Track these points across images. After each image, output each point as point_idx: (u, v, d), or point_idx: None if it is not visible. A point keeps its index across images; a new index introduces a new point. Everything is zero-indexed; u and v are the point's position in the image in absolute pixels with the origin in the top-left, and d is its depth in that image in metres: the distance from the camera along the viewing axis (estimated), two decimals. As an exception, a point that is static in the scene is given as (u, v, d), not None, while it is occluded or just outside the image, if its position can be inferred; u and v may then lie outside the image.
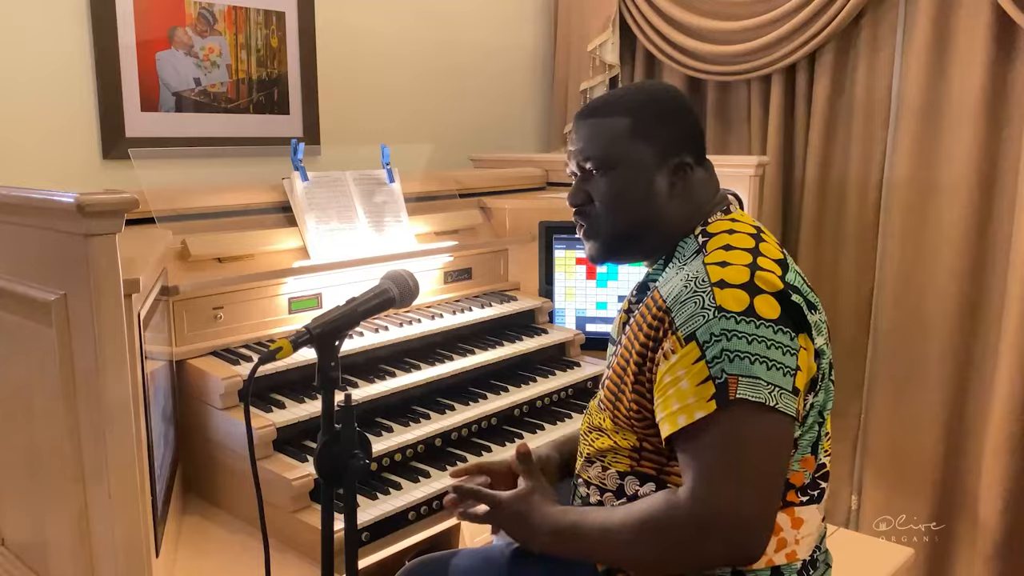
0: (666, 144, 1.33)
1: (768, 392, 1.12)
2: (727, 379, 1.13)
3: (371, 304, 1.27)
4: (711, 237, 1.29)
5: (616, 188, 1.32)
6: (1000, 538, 2.48)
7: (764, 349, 1.14)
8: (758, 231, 1.31)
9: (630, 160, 1.32)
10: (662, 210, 1.32)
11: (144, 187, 1.85)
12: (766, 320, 1.15)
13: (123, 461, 1.18)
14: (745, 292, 1.17)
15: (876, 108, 2.65)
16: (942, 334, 2.58)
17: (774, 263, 1.23)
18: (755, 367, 1.13)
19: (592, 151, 1.33)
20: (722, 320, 1.15)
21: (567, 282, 2.33)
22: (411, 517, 1.58)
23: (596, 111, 1.35)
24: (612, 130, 1.32)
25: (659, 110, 1.34)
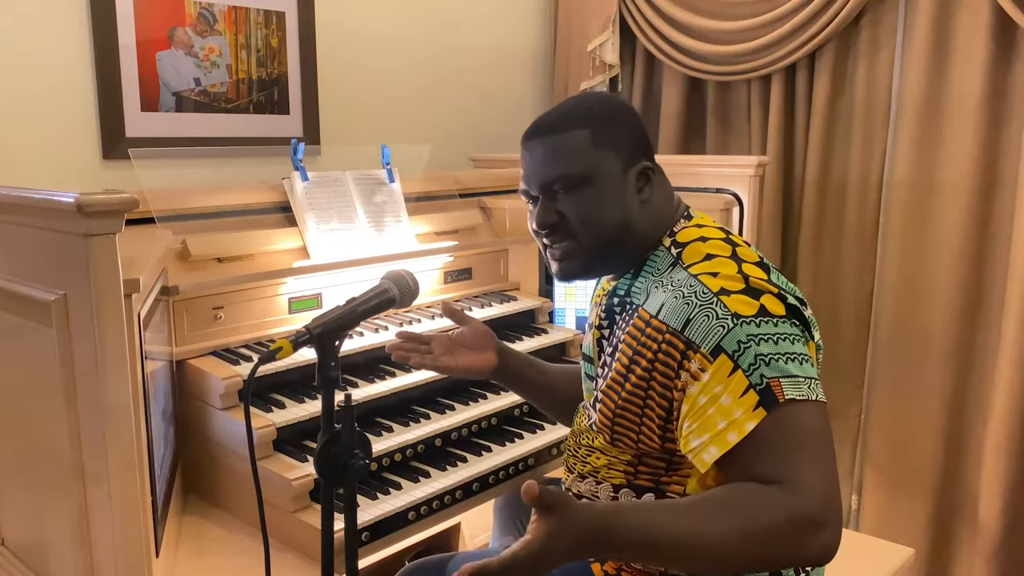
0: (629, 152, 1.30)
1: (807, 387, 1.12)
2: (768, 384, 1.11)
3: (371, 304, 1.27)
4: (684, 247, 1.28)
5: (589, 202, 1.28)
6: (1000, 538, 2.48)
7: (790, 345, 1.14)
8: (727, 235, 1.30)
9: (599, 172, 1.27)
10: (634, 218, 1.29)
11: (144, 187, 1.85)
12: (779, 316, 1.16)
13: (123, 461, 1.18)
14: (750, 296, 1.16)
15: (876, 108, 2.65)
16: (942, 334, 2.58)
17: (755, 266, 1.22)
18: (789, 366, 1.12)
19: (559, 169, 1.28)
20: (743, 326, 1.13)
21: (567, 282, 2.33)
22: (411, 517, 1.57)
23: (552, 128, 1.30)
24: (573, 144, 1.28)
25: (613, 118, 1.31)
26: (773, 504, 1.08)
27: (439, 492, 1.62)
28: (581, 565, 1.34)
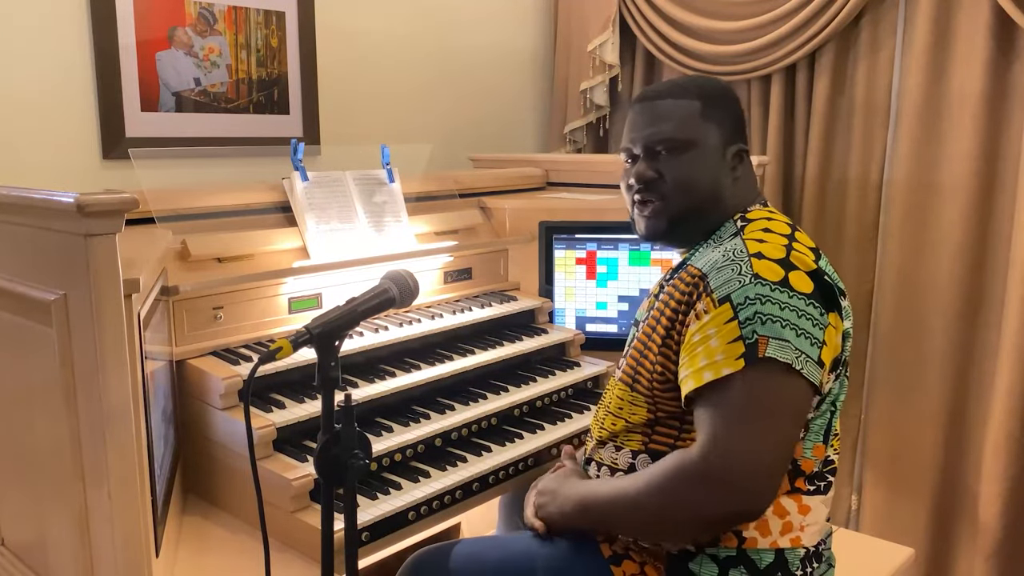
0: (730, 131, 1.39)
1: (795, 356, 1.16)
2: (757, 339, 1.16)
3: (371, 304, 1.28)
4: (749, 222, 1.34)
5: (688, 167, 1.36)
6: (1000, 538, 2.48)
7: (795, 318, 1.18)
8: (793, 225, 1.36)
9: (702, 142, 1.36)
10: (723, 193, 1.38)
11: (144, 187, 1.85)
12: (799, 292, 1.20)
13: (123, 461, 1.18)
14: (781, 266, 1.22)
15: (876, 108, 2.65)
16: (942, 334, 2.58)
17: (808, 249, 1.28)
18: (785, 331, 1.17)
19: (667, 131, 1.36)
20: (757, 286, 1.19)
21: (567, 282, 2.33)
22: (411, 517, 1.57)
23: (667, 93, 1.39)
24: (685, 111, 1.36)
25: (722, 98, 1.40)
26: (686, 457, 1.17)
27: (439, 492, 1.62)
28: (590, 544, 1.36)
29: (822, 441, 1.29)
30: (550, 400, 2.04)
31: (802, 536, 1.28)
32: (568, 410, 2.01)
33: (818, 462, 1.29)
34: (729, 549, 1.26)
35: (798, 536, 1.28)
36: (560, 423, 1.94)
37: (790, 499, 1.27)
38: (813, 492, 1.30)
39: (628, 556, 1.32)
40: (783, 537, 1.26)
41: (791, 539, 1.27)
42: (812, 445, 1.28)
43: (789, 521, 1.27)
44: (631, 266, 2.28)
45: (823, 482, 1.31)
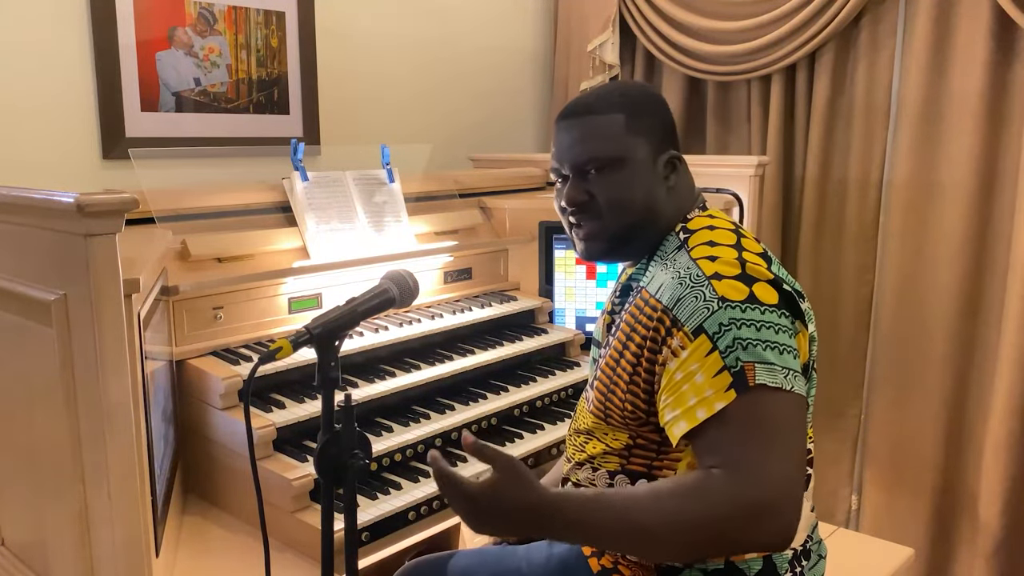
0: (658, 139, 1.34)
1: (783, 376, 1.13)
2: (743, 367, 1.13)
3: (371, 304, 1.27)
4: (692, 233, 1.31)
5: (620, 185, 1.31)
6: (1000, 538, 2.48)
7: (773, 334, 1.15)
8: (736, 227, 1.32)
9: (631, 156, 1.31)
10: (659, 204, 1.33)
11: (144, 187, 1.85)
12: (768, 305, 1.17)
13: (123, 461, 1.18)
14: (742, 282, 1.18)
15: (876, 108, 2.65)
16: (942, 334, 2.58)
17: (757, 256, 1.24)
18: (767, 353, 1.14)
19: (593, 150, 1.31)
20: (727, 310, 1.15)
21: (567, 282, 2.33)
22: (411, 517, 1.58)
23: (589, 109, 1.33)
24: (610, 127, 1.31)
25: (647, 106, 1.35)
26: (717, 489, 1.09)
27: (439, 492, 1.62)
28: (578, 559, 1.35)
29: None
30: (550, 400, 2.04)
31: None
32: (568, 410, 2.01)
33: None
34: (717, 563, 1.25)
35: None
36: (560, 423, 1.94)
37: None
38: None
39: (617, 570, 1.32)
40: None
41: None
42: None
43: None
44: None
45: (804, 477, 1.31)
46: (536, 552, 1.43)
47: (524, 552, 1.45)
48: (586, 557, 1.35)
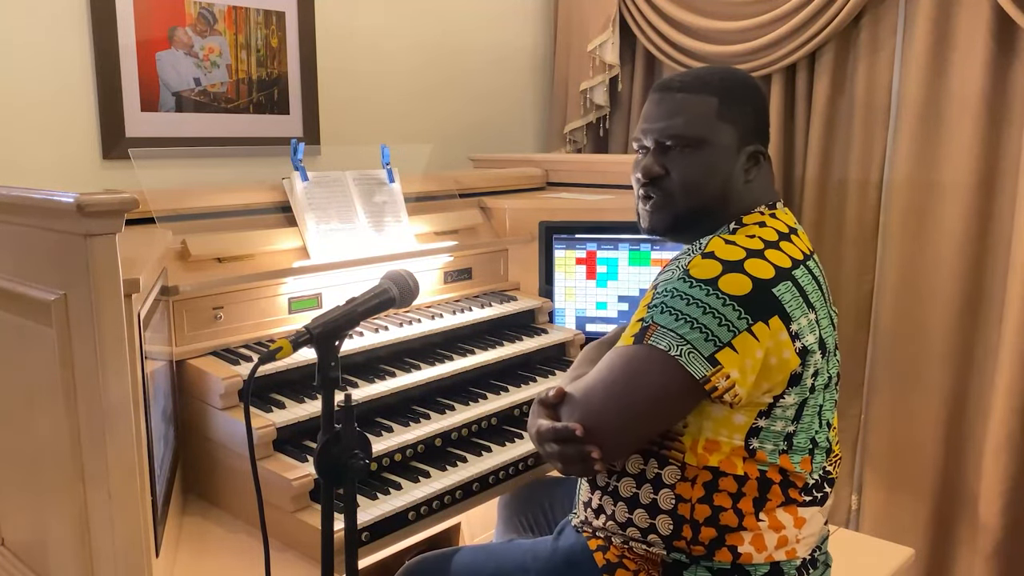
0: (746, 130, 1.34)
1: (678, 346, 1.18)
2: (650, 325, 1.21)
3: (371, 304, 1.28)
4: (742, 226, 1.32)
5: (697, 167, 1.31)
6: (1000, 538, 2.48)
7: (699, 314, 1.19)
8: (789, 232, 1.31)
9: (715, 141, 1.31)
10: (732, 194, 1.33)
11: (144, 187, 1.85)
12: (720, 292, 1.19)
13: (123, 461, 1.18)
14: (721, 266, 1.21)
15: (876, 108, 2.65)
16: (942, 334, 2.58)
17: (786, 257, 1.25)
18: (678, 324, 1.19)
19: (678, 127, 1.31)
20: (679, 281, 1.22)
21: (567, 282, 2.33)
22: (411, 517, 1.58)
23: (684, 87, 1.33)
24: (700, 108, 1.31)
25: (744, 95, 1.34)
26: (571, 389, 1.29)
27: (439, 492, 1.62)
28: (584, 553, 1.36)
29: (807, 454, 1.29)
30: (550, 400, 2.03)
31: (797, 548, 1.28)
32: (568, 410, 2.01)
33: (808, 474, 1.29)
34: (723, 562, 1.26)
35: (794, 548, 1.28)
36: (560, 423, 1.94)
37: (785, 512, 1.26)
38: (809, 503, 1.29)
39: (622, 564, 1.32)
40: (778, 550, 1.26)
41: (787, 551, 1.27)
42: (801, 459, 1.28)
43: (785, 535, 1.26)
44: (631, 266, 2.28)
45: (820, 493, 1.31)
46: (541, 546, 1.44)
47: (529, 546, 1.45)
48: (591, 551, 1.35)
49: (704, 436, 1.24)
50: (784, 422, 1.25)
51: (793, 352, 1.21)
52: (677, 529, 1.27)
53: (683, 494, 1.26)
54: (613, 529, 1.33)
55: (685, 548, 1.27)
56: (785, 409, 1.24)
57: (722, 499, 1.25)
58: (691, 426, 1.25)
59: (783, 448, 1.26)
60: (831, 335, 1.31)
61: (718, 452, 1.24)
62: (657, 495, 1.28)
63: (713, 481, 1.25)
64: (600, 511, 1.35)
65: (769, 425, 1.24)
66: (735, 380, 1.18)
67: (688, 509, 1.26)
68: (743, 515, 1.25)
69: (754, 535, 1.25)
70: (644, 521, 1.29)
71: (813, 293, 1.27)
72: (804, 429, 1.27)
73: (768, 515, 1.26)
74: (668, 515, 1.27)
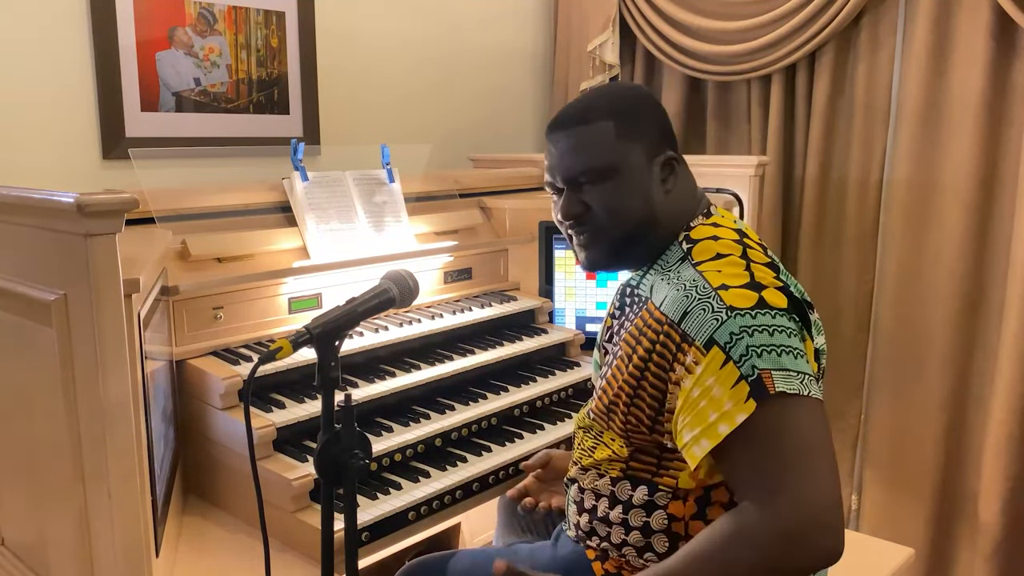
0: (651, 142, 1.31)
1: (799, 382, 1.10)
2: (760, 375, 1.09)
3: (371, 304, 1.28)
4: (695, 243, 1.29)
5: (615, 194, 1.29)
6: (1000, 538, 2.48)
7: (786, 338, 1.12)
8: (741, 236, 1.29)
9: (624, 164, 1.28)
10: (658, 208, 1.31)
11: (144, 187, 1.85)
12: (778, 309, 1.15)
13: (123, 461, 1.18)
14: (750, 289, 1.17)
15: (876, 108, 2.65)
16: (942, 334, 2.58)
17: (764, 267, 1.23)
18: (783, 358, 1.10)
19: (584, 162, 1.29)
20: (737, 318, 1.13)
21: (567, 282, 2.33)
22: (411, 517, 1.57)
23: (576, 120, 1.30)
24: (598, 136, 1.28)
25: (637, 109, 1.32)
26: (758, 526, 1.06)
27: (439, 492, 1.62)
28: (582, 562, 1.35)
29: None
30: (550, 400, 2.04)
31: None
32: (568, 410, 2.01)
33: None
34: None
35: None
36: (560, 423, 1.94)
37: None
38: None
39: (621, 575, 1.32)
40: None
41: None
42: None
43: None
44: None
45: None
46: (540, 553, 1.43)
47: (528, 553, 1.45)
48: (590, 560, 1.35)
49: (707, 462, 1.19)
50: None
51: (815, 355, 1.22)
52: (673, 546, 1.25)
53: (675, 513, 1.24)
54: (608, 548, 1.32)
55: None
56: None
57: (715, 512, 1.23)
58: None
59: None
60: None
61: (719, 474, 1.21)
62: (650, 518, 1.26)
63: (705, 496, 1.23)
64: (592, 533, 1.34)
65: None
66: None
67: (682, 527, 1.24)
68: None
69: None
70: (639, 541, 1.28)
71: (803, 293, 1.27)
72: None
73: None
74: (662, 533, 1.26)
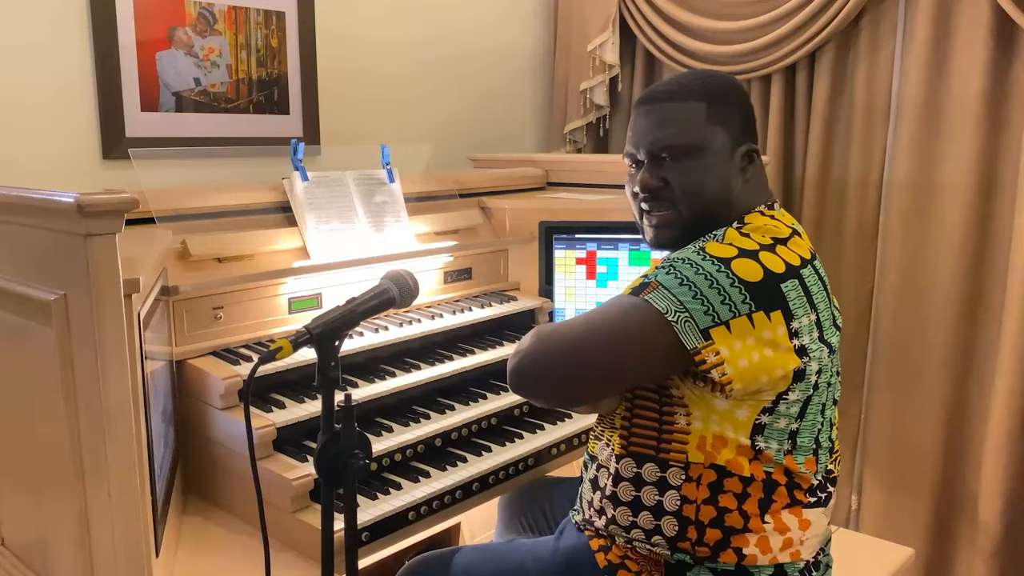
0: (737, 131, 1.34)
1: (675, 310, 1.17)
2: (651, 282, 1.21)
3: (371, 304, 1.28)
4: (745, 224, 1.32)
5: (695, 174, 1.31)
6: (1000, 538, 2.48)
7: (706, 286, 1.18)
8: (792, 233, 1.31)
9: (708, 146, 1.31)
10: (733, 195, 1.33)
11: (144, 187, 1.85)
12: (732, 272, 1.19)
13: (123, 461, 1.18)
14: (736, 250, 1.22)
15: (876, 108, 2.65)
16: (942, 334, 2.58)
17: (795, 255, 1.25)
18: (681, 289, 1.18)
19: (670, 137, 1.31)
20: (694, 254, 1.23)
21: (567, 282, 2.33)
22: (411, 517, 1.58)
23: (670, 95, 1.33)
24: (689, 115, 1.31)
25: (729, 97, 1.35)
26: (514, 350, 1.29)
27: (439, 492, 1.62)
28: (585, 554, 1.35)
29: (811, 454, 1.29)
30: (550, 400, 2.03)
31: (802, 550, 1.28)
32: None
33: (816, 475, 1.29)
34: (728, 564, 1.26)
35: (798, 550, 1.28)
36: (560, 423, 1.94)
37: (791, 514, 1.27)
38: (814, 504, 1.29)
39: (624, 565, 1.32)
40: (783, 552, 1.26)
41: (791, 553, 1.27)
42: (804, 459, 1.28)
43: (790, 537, 1.26)
44: (631, 266, 2.28)
45: (824, 493, 1.31)
46: (542, 547, 1.44)
47: (530, 547, 1.45)
48: (593, 552, 1.35)
49: (711, 431, 1.24)
50: (788, 419, 1.24)
51: (791, 349, 1.21)
52: (682, 530, 1.26)
53: (688, 495, 1.26)
54: (616, 531, 1.33)
55: (689, 549, 1.27)
56: (789, 406, 1.24)
57: (727, 500, 1.25)
58: (696, 421, 1.24)
59: (788, 448, 1.26)
60: (835, 335, 1.31)
61: (725, 449, 1.24)
62: (663, 497, 1.28)
63: (718, 482, 1.25)
64: (602, 512, 1.35)
65: (773, 422, 1.24)
66: (724, 358, 1.17)
67: (693, 510, 1.26)
68: (748, 517, 1.25)
69: (759, 537, 1.25)
70: (649, 523, 1.29)
71: (818, 294, 1.27)
72: (808, 427, 1.27)
73: (773, 517, 1.25)
74: (673, 516, 1.27)
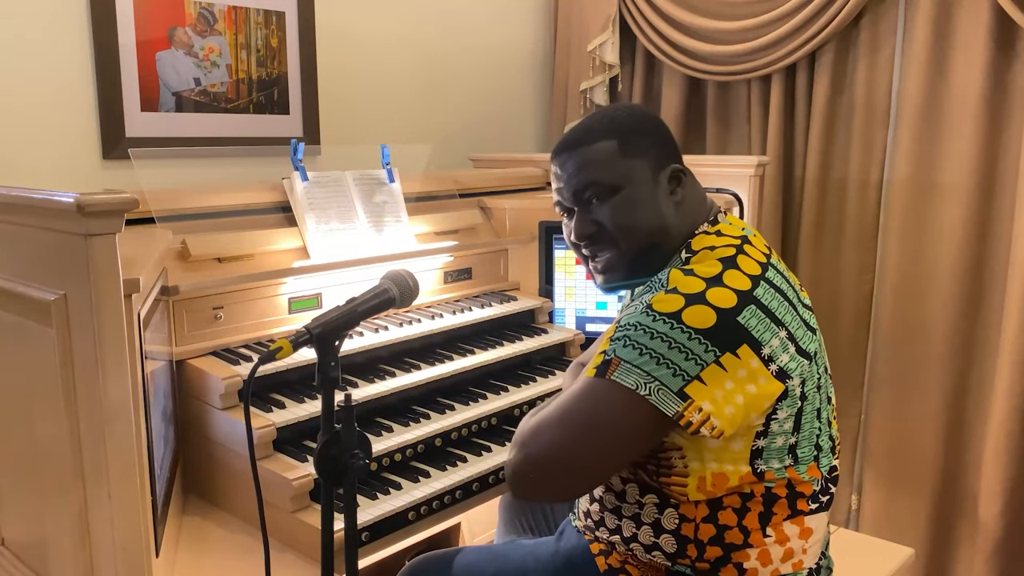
0: (655, 157, 1.34)
1: (644, 383, 1.16)
2: (612, 359, 1.19)
3: (371, 304, 1.28)
4: (693, 254, 1.31)
5: (625, 210, 1.31)
6: (1000, 538, 2.48)
7: (665, 349, 1.17)
8: (741, 243, 1.29)
9: (629, 179, 1.31)
10: (670, 220, 1.33)
11: (144, 187, 1.85)
12: (685, 326, 1.17)
13: (123, 461, 1.18)
14: (683, 299, 1.19)
15: (876, 108, 2.65)
16: (942, 334, 2.58)
17: (745, 276, 1.22)
18: (643, 359, 1.17)
19: (590, 179, 1.32)
20: (642, 315, 1.20)
21: (567, 282, 2.33)
22: (411, 517, 1.57)
23: (579, 141, 1.34)
24: (602, 155, 1.32)
25: (637, 126, 1.35)
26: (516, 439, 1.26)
27: (439, 492, 1.62)
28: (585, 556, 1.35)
29: (813, 460, 1.28)
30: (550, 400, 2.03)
31: (804, 559, 1.27)
32: (568, 410, 2.01)
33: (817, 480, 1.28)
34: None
35: (800, 560, 1.27)
36: (560, 423, 1.94)
37: (792, 524, 1.25)
38: (816, 510, 1.28)
39: (624, 570, 1.32)
40: (785, 563, 1.25)
41: (793, 564, 1.26)
42: (806, 467, 1.27)
43: (791, 547, 1.26)
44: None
45: (826, 497, 1.31)
46: (543, 548, 1.44)
47: (531, 547, 1.45)
48: (593, 555, 1.35)
49: (709, 470, 1.21)
50: (784, 436, 1.23)
51: (771, 377, 1.19)
52: (681, 548, 1.26)
53: (687, 513, 1.25)
54: (616, 541, 1.33)
55: (690, 565, 1.26)
56: (781, 423, 1.22)
57: (727, 517, 1.23)
58: (693, 462, 1.22)
59: (789, 463, 1.24)
60: (812, 340, 1.28)
61: (727, 484, 1.22)
62: (661, 515, 1.27)
63: (718, 500, 1.24)
64: (601, 523, 1.35)
65: (769, 444, 1.22)
66: (709, 412, 1.15)
67: (692, 529, 1.25)
68: (749, 532, 1.24)
69: (760, 551, 1.24)
70: (648, 539, 1.28)
71: (780, 307, 1.23)
72: (806, 437, 1.26)
73: (775, 529, 1.24)
74: (671, 535, 1.26)
